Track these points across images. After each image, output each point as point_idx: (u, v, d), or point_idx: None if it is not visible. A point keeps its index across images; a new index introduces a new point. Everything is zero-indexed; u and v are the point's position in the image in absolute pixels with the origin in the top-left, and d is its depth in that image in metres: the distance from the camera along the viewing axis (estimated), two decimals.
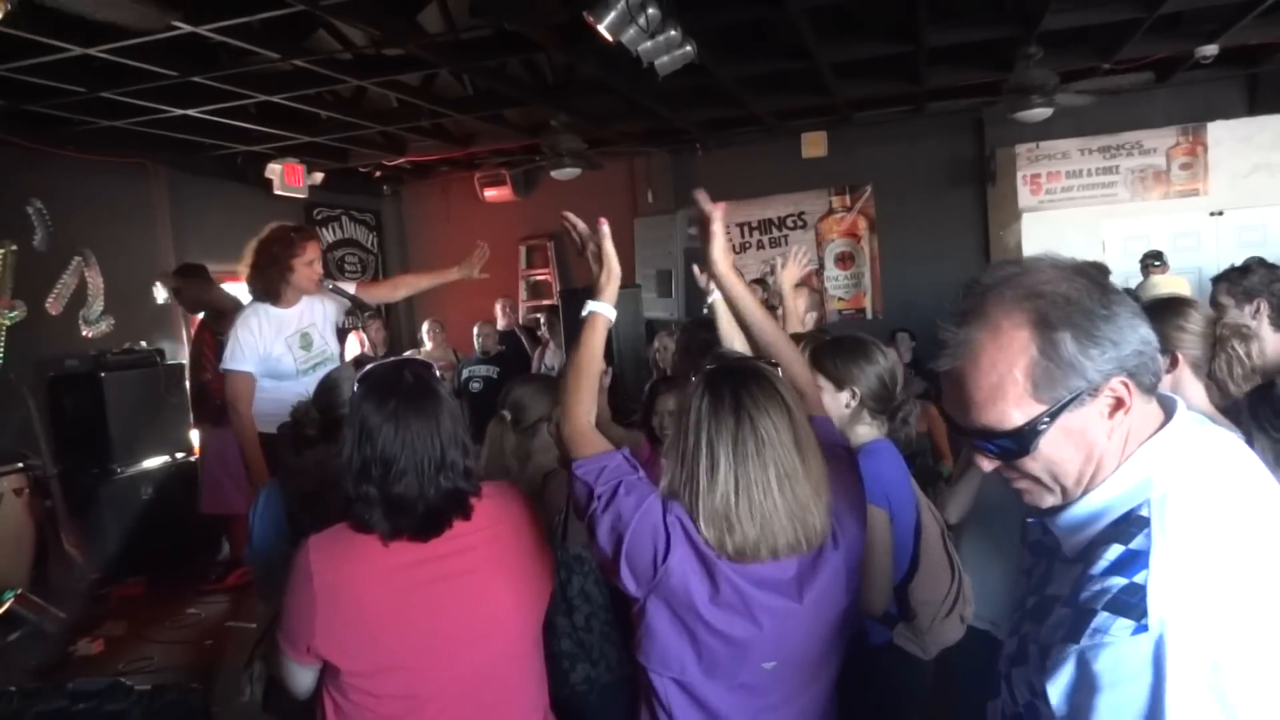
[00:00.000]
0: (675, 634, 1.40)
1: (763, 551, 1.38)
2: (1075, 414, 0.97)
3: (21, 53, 4.35)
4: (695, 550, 1.38)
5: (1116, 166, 7.56)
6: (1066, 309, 0.96)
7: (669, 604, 1.39)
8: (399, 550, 1.51)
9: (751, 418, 1.39)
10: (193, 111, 5.73)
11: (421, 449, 1.50)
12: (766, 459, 1.38)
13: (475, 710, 1.56)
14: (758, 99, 6.64)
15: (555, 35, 4.78)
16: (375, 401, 1.52)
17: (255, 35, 4.52)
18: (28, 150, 5.82)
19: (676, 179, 8.75)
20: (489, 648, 1.57)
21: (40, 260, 5.93)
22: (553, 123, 6.75)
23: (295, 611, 1.49)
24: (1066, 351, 0.95)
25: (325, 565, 1.48)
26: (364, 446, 1.50)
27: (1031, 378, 0.96)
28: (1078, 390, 0.96)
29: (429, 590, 1.52)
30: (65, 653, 4.33)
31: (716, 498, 1.37)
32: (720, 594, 1.38)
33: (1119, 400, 0.97)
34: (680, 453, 1.42)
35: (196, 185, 7.23)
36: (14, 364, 5.65)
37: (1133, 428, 1.00)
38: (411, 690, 1.51)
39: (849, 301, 8.64)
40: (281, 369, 3.64)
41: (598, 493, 1.41)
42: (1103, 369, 0.96)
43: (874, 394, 2.12)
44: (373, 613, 1.48)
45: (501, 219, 9.23)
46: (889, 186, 8.33)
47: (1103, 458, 1.00)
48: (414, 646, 1.51)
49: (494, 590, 1.57)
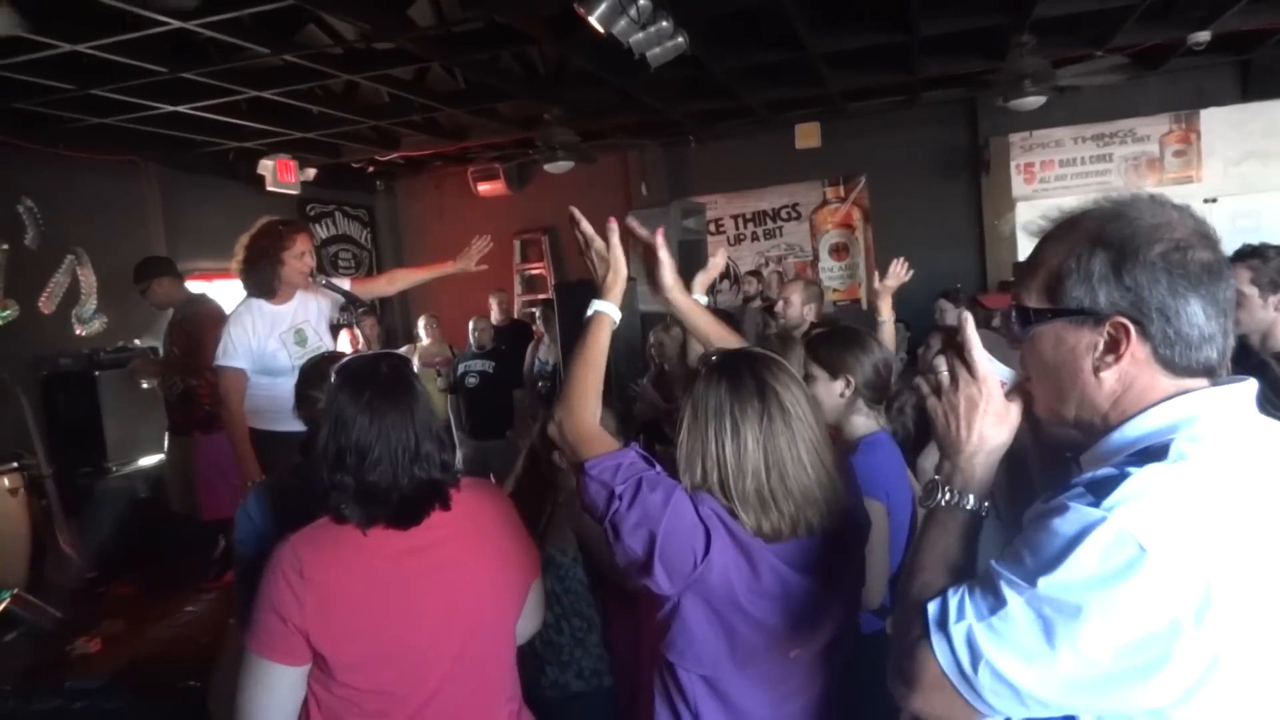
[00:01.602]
0: (711, 629, 1.39)
1: (801, 526, 1.38)
2: (1071, 330, 1.00)
3: (10, 50, 4.32)
4: (735, 540, 1.36)
5: (1110, 155, 7.56)
6: (1123, 235, 0.97)
7: (707, 599, 1.37)
8: (380, 541, 1.51)
9: (777, 394, 1.39)
10: (183, 108, 5.70)
11: (396, 439, 1.51)
12: (796, 433, 1.38)
13: (457, 698, 1.57)
14: (750, 90, 6.62)
15: (547, 28, 4.76)
16: (351, 392, 1.54)
17: (245, 30, 4.50)
18: (18, 149, 5.78)
19: (670, 172, 8.73)
20: (469, 637, 1.59)
21: (32, 259, 5.90)
22: (545, 116, 6.73)
23: (280, 606, 1.46)
24: (1093, 268, 0.97)
25: (310, 557, 1.48)
26: (339, 436, 1.51)
27: (1057, 275, 1.00)
28: (1080, 305, 0.98)
29: (410, 581, 1.52)
30: (63, 652, 4.31)
31: (748, 478, 1.36)
32: (761, 582, 1.37)
33: (1114, 341, 0.97)
34: (700, 443, 1.40)
35: (189, 182, 7.20)
36: (7, 363, 5.62)
37: (1135, 388, 0.98)
38: (395, 680, 1.52)
39: (844, 292, 8.64)
40: (276, 365, 3.62)
41: (618, 492, 1.36)
42: (1113, 301, 0.96)
43: (869, 383, 2.13)
44: (357, 603, 1.48)
45: (495, 213, 9.20)
46: (883, 177, 8.32)
47: (1088, 395, 1.00)
48: (397, 636, 1.51)
49: (474, 581, 1.59)
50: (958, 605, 0.95)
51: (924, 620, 0.97)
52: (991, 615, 0.92)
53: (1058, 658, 0.88)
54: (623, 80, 5.81)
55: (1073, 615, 0.87)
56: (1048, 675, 0.89)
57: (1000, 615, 0.91)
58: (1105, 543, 0.86)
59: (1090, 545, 0.87)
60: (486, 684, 1.62)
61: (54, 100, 5.29)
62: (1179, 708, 0.89)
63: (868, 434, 2.12)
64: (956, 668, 0.93)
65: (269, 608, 1.47)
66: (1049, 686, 0.89)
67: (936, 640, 0.95)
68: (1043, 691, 0.90)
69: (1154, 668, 0.86)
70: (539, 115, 6.81)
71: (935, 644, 0.95)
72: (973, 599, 0.95)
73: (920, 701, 0.98)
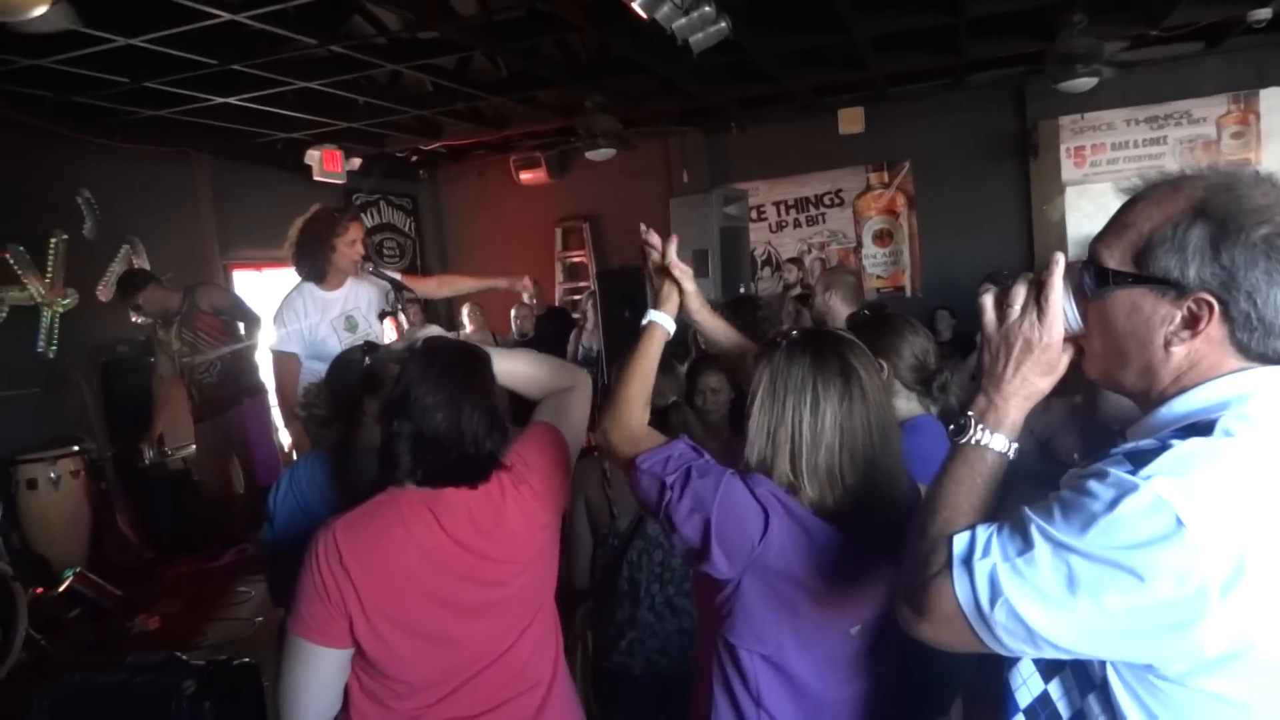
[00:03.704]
0: (772, 608, 1.39)
1: (864, 505, 1.38)
2: (1151, 298, 0.97)
3: (68, 44, 4.44)
4: (794, 518, 1.37)
5: (1164, 137, 7.36)
6: (1228, 211, 0.93)
7: (767, 578, 1.37)
8: (419, 530, 1.53)
9: (858, 374, 1.40)
10: (233, 99, 5.81)
11: (477, 404, 1.57)
12: (870, 415, 1.39)
13: (494, 680, 1.59)
14: (793, 75, 6.56)
15: (588, 14, 4.77)
16: (427, 361, 1.58)
17: (292, 22, 4.57)
18: (76, 141, 5.95)
19: (712, 158, 8.69)
20: (506, 624, 1.61)
21: (90, 249, 6.08)
22: (587, 104, 6.75)
23: (321, 590, 1.48)
24: (1189, 240, 0.94)
25: (349, 546, 1.50)
26: (414, 400, 1.54)
27: (1149, 239, 0.97)
28: (1168, 275, 0.95)
29: (448, 569, 1.54)
30: (123, 629, 4.46)
31: (821, 452, 1.37)
32: (821, 558, 1.37)
33: (1194, 317, 0.95)
34: (777, 413, 1.40)
35: (238, 173, 7.35)
36: (68, 350, 5.81)
37: (1201, 366, 0.97)
38: (430, 667, 1.55)
39: (887, 280, 8.54)
40: (327, 351, 3.68)
41: (669, 483, 1.38)
42: (1203, 278, 0.94)
43: (908, 367, 2.12)
44: (394, 592, 1.50)
45: (537, 201, 9.25)
46: (928, 162, 8.20)
47: (1153, 366, 0.99)
48: (434, 625, 1.54)
49: (512, 570, 1.61)
50: (985, 543, 0.95)
51: (948, 553, 0.98)
52: (1018, 556, 0.92)
53: (1077, 606, 0.88)
54: (664, 66, 5.79)
55: (1098, 572, 0.87)
56: (1064, 621, 0.90)
57: (1026, 558, 0.91)
58: (1140, 509, 0.86)
59: (1124, 510, 0.87)
60: (523, 666, 1.64)
61: (110, 93, 5.43)
62: (1199, 677, 0.90)
63: (910, 417, 2.10)
64: (974, 603, 0.94)
65: (310, 590, 1.49)
66: (1064, 631, 0.90)
67: (958, 574, 0.96)
68: (1056, 635, 0.91)
69: (1172, 633, 0.87)
70: (580, 103, 6.83)
71: (956, 578, 0.96)
72: (1000, 539, 0.95)
73: (929, 630, 0.99)
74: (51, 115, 5.65)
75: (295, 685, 1.51)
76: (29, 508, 5.14)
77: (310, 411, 2.13)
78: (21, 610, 3.90)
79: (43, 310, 5.73)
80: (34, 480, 5.12)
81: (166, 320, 5.26)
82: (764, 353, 1.47)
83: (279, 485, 2.07)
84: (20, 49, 4.47)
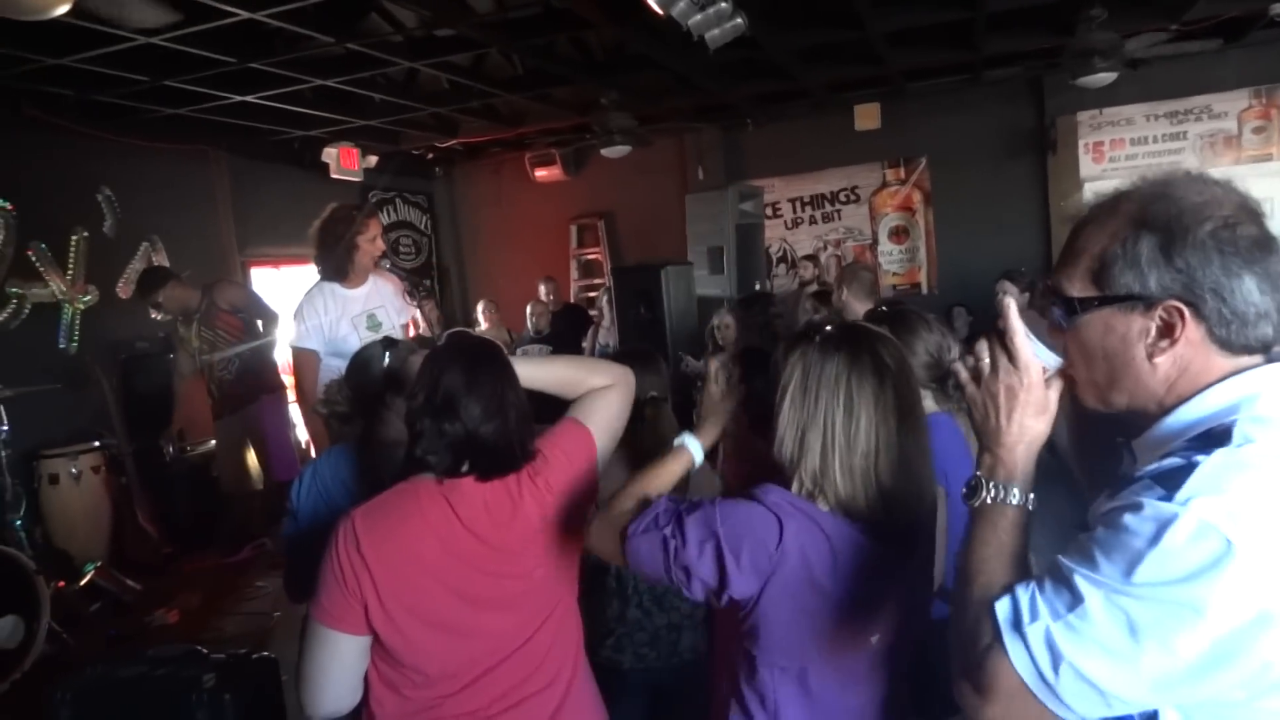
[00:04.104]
0: (794, 617, 1.36)
1: (890, 508, 1.36)
2: (1121, 316, 0.97)
3: (89, 43, 4.48)
4: (812, 521, 1.34)
5: (1184, 132, 7.28)
6: (1169, 216, 0.94)
7: (786, 586, 1.33)
8: (438, 523, 1.54)
9: (893, 375, 1.37)
10: (251, 97, 5.85)
11: (508, 406, 1.59)
12: (905, 417, 1.37)
13: (512, 674, 1.60)
14: (809, 71, 6.54)
15: (604, 11, 4.77)
16: (464, 359, 1.59)
17: (310, 19, 4.59)
18: (97, 139, 6.01)
19: (727, 155, 8.68)
20: (525, 617, 1.61)
21: (110, 246, 6.14)
22: (602, 100, 6.74)
23: (341, 577, 1.50)
24: (1140, 252, 0.95)
25: (368, 537, 1.51)
26: (445, 390, 1.55)
27: (1101, 261, 0.98)
28: (1129, 291, 0.95)
29: (466, 561, 1.55)
30: (142, 623, 4.52)
31: (857, 458, 1.33)
32: (840, 561, 1.34)
33: (1167, 325, 0.95)
34: (809, 411, 1.36)
35: (255, 171, 7.40)
36: (89, 346, 5.87)
37: (1190, 370, 0.96)
38: (446, 659, 1.56)
39: (903, 276, 8.50)
40: (348, 348, 3.69)
41: (668, 533, 1.33)
42: (1164, 285, 0.94)
43: (922, 364, 2.10)
44: (411, 582, 1.52)
45: (552, 198, 9.27)
46: (944, 158, 8.15)
47: (1142, 382, 0.98)
48: (450, 616, 1.54)
49: (531, 565, 1.61)
50: (1029, 604, 0.91)
51: (993, 624, 0.93)
52: (1069, 613, 0.87)
53: (1143, 654, 0.84)
54: (680, 63, 5.79)
55: (1158, 613, 0.84)
56: (1133, 672, 0.85)
57: (1078, 613, 0.87)
58: (1187, 536, 0.83)
59: (1171, 541, 0.83)
60: (542, 660, 1.65)
61: (130, 92, 5.48)
62: (1266, 698, 0.87)
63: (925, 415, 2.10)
64: (1036, 673, 0.89)
65: (331, 577, 1.51)
66: (1134, 684, 0.86)
67: (1012, 644, 0.90)
68: (1128, 690, 0.87)
69: (1241, 660, 0.84)
70: (596, 100, 6.83)
71: (1010, 648, 0.90)
72: (1044, 596, 0.90)
73: (997, 711, 0.92)
74: (73, 114, 5.71)
75: (315, 671, 1.52)
76: (51, 503, 5.20)
77: (332, 408, 2.15)
78: (44, 603, 3.95)
79: (64, 307, 5.79)
80: (56, 475, 5.19)
81: (186, 317, 5.32)
82: (795, 344, 1.43)
83: (301, 479, 2.08)
84: (43, 48, 4.52)
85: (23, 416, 4.83)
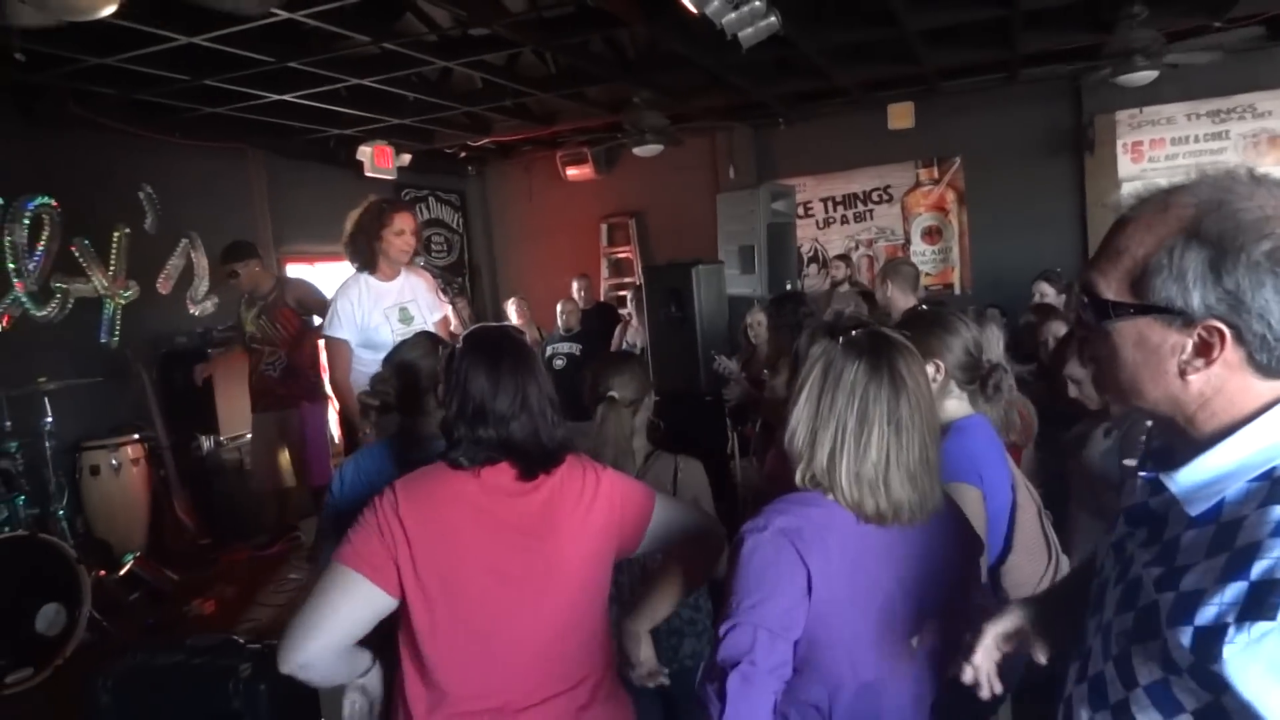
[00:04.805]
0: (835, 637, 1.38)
1: (907, 514, 1.38)
2: (1156, 328, 0.91)
3: (132, 43, 4.57)
4: (825, 545, 1.36)
5: (1227, 131, 7.15)
6: (1223, 230, 0.87)
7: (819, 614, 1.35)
8: (477, 501, 1.56)
9: (909, 389, 1.39)
10: (288, 96, 5.93)
11: (537, 402, 1.60)
12: (916, 426, 1.38)
13: (539, 668, 1.60)
14: (842, 70, 6.50)
15: (637, 10, 4.78)
16: (489, 358, 1.60)
17: (347, 19, 4.65)
18: (139, 138, 6.12)
19: (758, 154, 8.65)
20: (555, 607, 1.61)
21: (151, 242, 6.26)
22: (634, 99, 6.75)
23: (380, 530, 1.51)
24: (1187, 265, 0.88)
25: (408, 505, 1.53)
26: (478, 397, 1.57)
27: (1144, 267, 0.91)
28: (1170, 304, 0.89)
29: (501, 541, 1.56)
30: (179, 612, 4.60)
31: (868, 464, 1.36)
32: (862, 560, 1.37)
33: (1205, 345, 0.89)
34: (824, 414, 1.39)
35: (291, 169, 7.50)
36: (129, 341, 5.99)
37: (1226, 391, 0.91)
38: (484, 626, 1.56)
39: (936, 277, 8.42)
40: (379, 340, 3.73)
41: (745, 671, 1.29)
42: (1209, 304, 0.88)
43: (959, 364, 2.08)
44: (444, 556, 1.52)
45: (583, 197, 9.30)
46: (979, 158, 8.06)
47: (1172, 394, 0.93)
48: (480, 595, 1.55)
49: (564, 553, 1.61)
50: None
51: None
52: None
53: None
54: (712, 62, 5.78)
55: None
56: None
57: None
58: None
59: None
60: (569, 648, 1.65)
61: (171, 91, 5.58)
62: None
63: (961, 417, 2.08)
64: None
65: (366, 526, 1.52)
66: None
67: None
68: None
69: None
70: (628, 98, 6.84)
71: None
72: None
73: None
74: (117, 113, 5.82)
75: (317, 610, 1.49)
76: (91, 493, 5.32)
77: (384, 399, 2.18)
78: (86, 592, 4.04)
79: (105, 302, 5.92)
80: (97, 466, 5.30)
81: (252, 299, 5.40)
82: (818, 335, 1.46)
83: (343, 471, 2.14)
84: (89, 48, 4.61)
85: (66, 409, 4.95)
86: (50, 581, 3.96)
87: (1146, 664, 0.91)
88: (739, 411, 4.54)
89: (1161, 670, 0.89)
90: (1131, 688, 0.93)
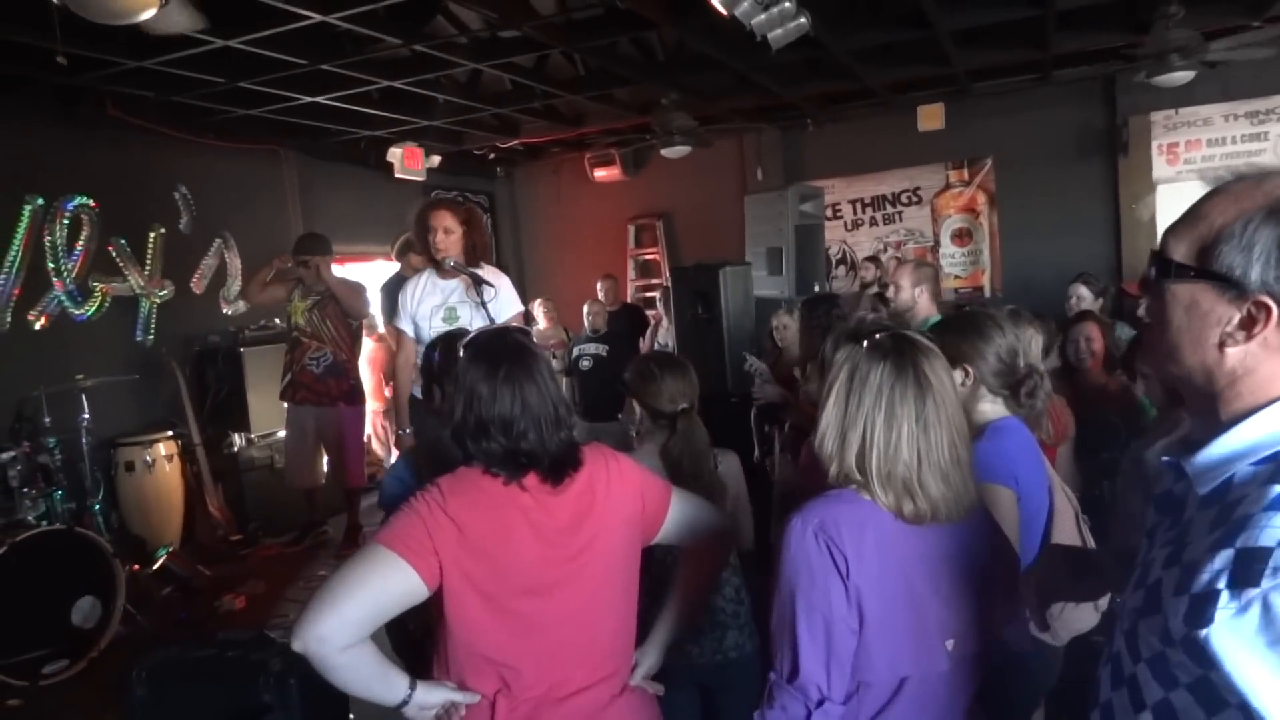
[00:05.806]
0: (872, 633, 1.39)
1: (944, 511, 1.39)
2: (1210, 295, 0.93)
3: (170, 47, 4.64)
4: (864, 529, 1.38)
5: (1265, 133, 7.02)
6: None
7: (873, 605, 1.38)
8: (519, 497, 1.57)
9: (933, 386, 1.41)
10: (321, 98, 5.99)
11: (539, 408, 1.59)
12: (944, 427, 1.40)
13: (583, 645, 1.62)
14: (872, 71, 6.46)
15: (666, 11, 4.78)
16: (487, 366, 1.60)
17: (379, 22, 4.69)
18: (175, 139, 6.22)
19: (787, 155, 8.62)
20: (598, 588, 1.63)
21: (185, 242, 6.35)
22: (663, 101, 6.76)
23: (424, 517, 1.51)
24: (1257, 239, 0.90)
25: (454, 499, 1.53)
26: (479, 408, 1.57)
27: (1217, 234, 0.93)
28: (1229, 272, 0.91)
29: (541, 536, 1.57)
30: (211, 607, 4.66)
31: (900, 464, 1.38)
32: (895, 557, 1.38)
33: (1250, 319, 0.91)
34: (851, 416, 1.42)
35: (323, 170, 7.58)
36: (164, 339, 6.08)
37: (1257, 374, 0.93)
38: (534, 619, 1.57)
39: (966, 279, 8.35)
40: (422, 334, 3.82)
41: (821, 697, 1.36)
42: (1265, 280, 0.90)
43: (993, 371, 2.06)
44: (487, 550, 1.53)
45: (611, 199, 9.32)
46: (1010, 159, 7.98)
47: (1206, 365, 0.95)
48: (520, 587, 1.56)
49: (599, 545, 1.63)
50: None
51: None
52: None
53: None
54: (741, 63, 5.77)
55: None
56: None
57: None
58: None
59: None
60: (606, 645, 1.66)
61: (206, 93, 5.66)
62: None
63: (995, 419, 2.06)
64: None
65: (409, 513, 1.52)
66: None
67: None
68: None
69: None
70: (656, 100, 6.84)
71: None
72: None
73: None
74: (154, 115, 5.92)
75: (347, 579, 1.45)
76: (126, 489, 5.41)
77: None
78: (120, 586, 4.11)
79: (141, 301, 6.01)
80: (131, 463, 5.39)
81: (307, 291, 5.52)
82: (843, 340, 1.48)
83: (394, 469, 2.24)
84: (127, 52, 4.69)
85: (102, 406, 5.03)
86: (86, 575, 4.03)
87: (1148, 638, 0.94)
88: (767, 411, 4.52)
89: (1160, 644, 0.92)
90: (1137, 661, 0.96)
